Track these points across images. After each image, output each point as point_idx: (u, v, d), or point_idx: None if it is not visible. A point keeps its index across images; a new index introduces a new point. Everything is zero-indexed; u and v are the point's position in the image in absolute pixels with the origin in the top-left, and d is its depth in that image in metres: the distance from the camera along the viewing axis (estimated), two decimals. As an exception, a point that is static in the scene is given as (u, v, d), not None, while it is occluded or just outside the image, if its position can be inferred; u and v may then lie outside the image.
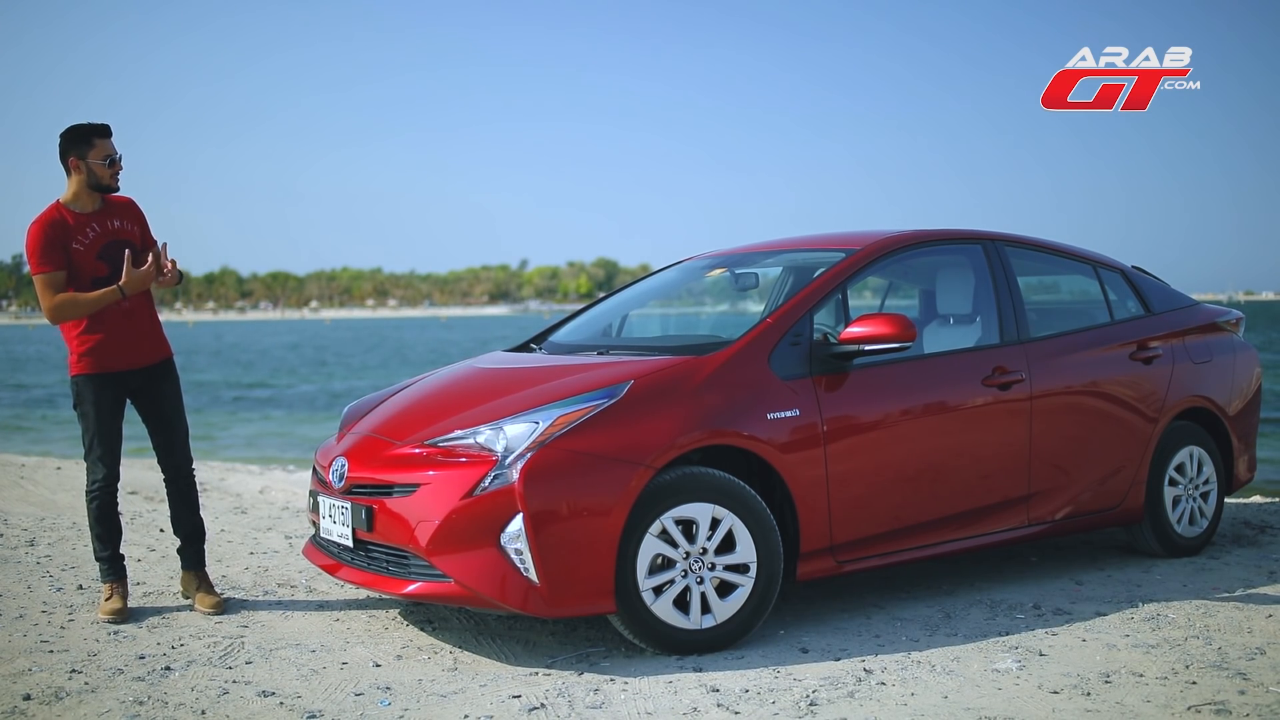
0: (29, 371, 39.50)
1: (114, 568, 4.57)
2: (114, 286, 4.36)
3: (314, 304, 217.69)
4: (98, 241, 4.45)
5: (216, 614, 4.53)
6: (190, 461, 4.72)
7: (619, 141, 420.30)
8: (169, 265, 4.45)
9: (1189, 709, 3.35)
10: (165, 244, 4.53)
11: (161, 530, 6.42)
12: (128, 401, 4.60)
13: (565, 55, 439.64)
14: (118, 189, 4.52)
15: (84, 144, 4.44)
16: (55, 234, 4.40)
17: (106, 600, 4.51)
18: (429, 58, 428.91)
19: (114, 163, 4.47)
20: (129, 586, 4.76)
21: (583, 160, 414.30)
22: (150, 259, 4.41)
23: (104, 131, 4.47)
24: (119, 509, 4.64)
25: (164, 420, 4.63)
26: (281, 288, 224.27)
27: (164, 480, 4.71)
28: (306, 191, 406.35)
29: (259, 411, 23.56)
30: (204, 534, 4.76)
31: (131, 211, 4.62)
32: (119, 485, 4.60)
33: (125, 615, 4.47)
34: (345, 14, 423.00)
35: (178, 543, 4.77)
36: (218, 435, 18.50)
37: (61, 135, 4.46)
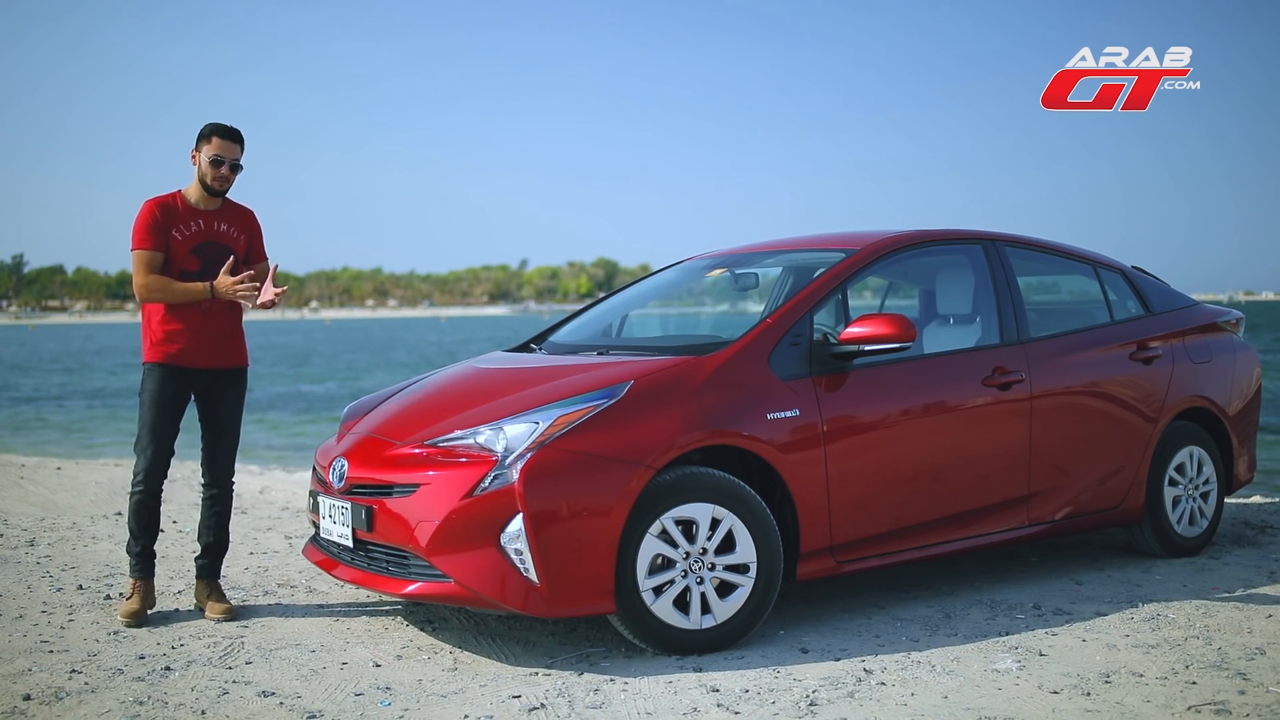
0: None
1: (142, 564, 4.52)
2: (205, 284, 4.39)
3: (314, 304, 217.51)
4: (197, 237, 4.48)
5: (227, 620, 4.50)
6: (231, 475, 4.68)
7: (619, 141, 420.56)
8: (269, 295, 4.41)
9: (1189, 709, 3.35)
10: (276, 265, 4.53)
11: (162, 530, 6.40)
12: (190, 403, 4.57)
13: (565, 55, 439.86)
14: (219, 191, 4.51)
15: (203, 139, 4.49)
16: (162, 216, 4.45)
17: (128, 599, 4.48)
18: (429, 58, 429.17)
19: (220, 164, 4.46)
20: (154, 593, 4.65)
21: (583, 160, 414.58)
22: (244, 275, 4.39)
23: (225, 133, 4.48)
24: (160, 507, 4.57)
25: (217, 427, 4.60)
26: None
27: (201, 486, 4.69)
28: (306, 191, 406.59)
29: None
30: (225, 548, 4.71)
31: (245, 221, 4.64)
32: (163, 484, 4.55)
33: (141, 619, 4.42)
34: (345, 14, 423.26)
35: (189, 545, 4.73)
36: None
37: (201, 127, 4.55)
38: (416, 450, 4.09)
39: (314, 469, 4.64)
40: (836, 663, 3.86)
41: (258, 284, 4.43)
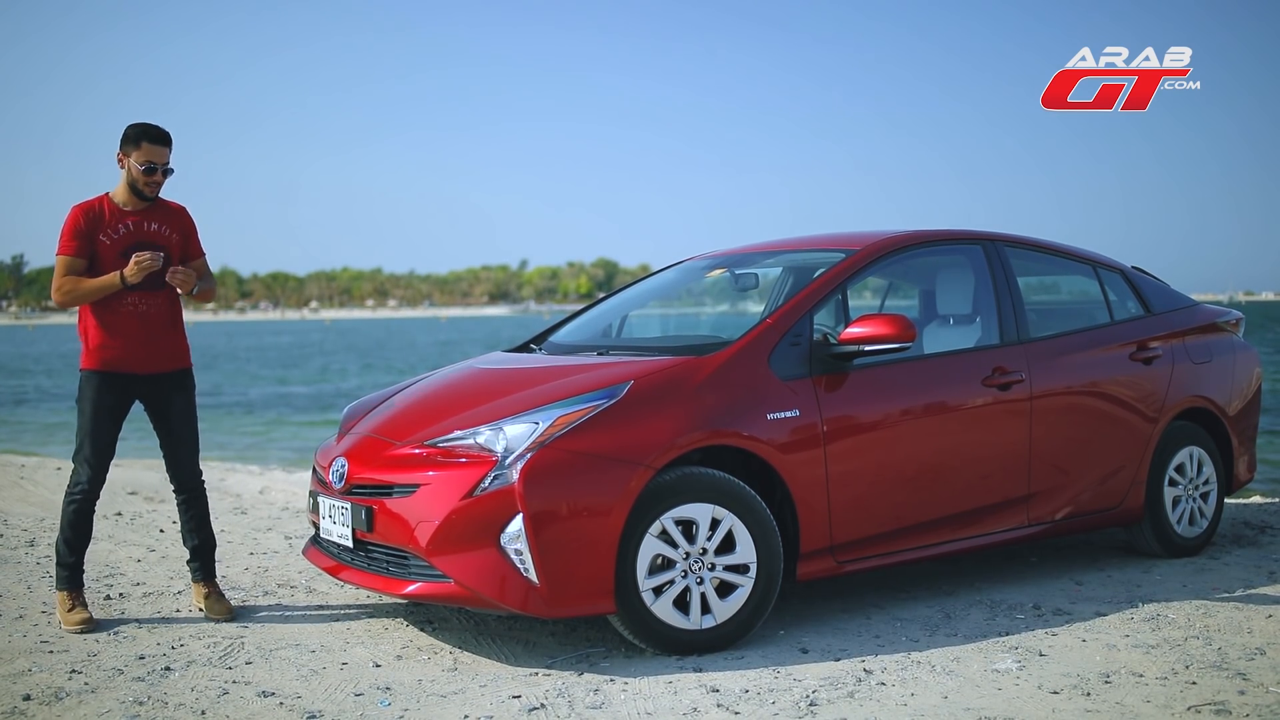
0: None
1: (74, 576, 4.43)
2: (115, 274, 4.29)
3: (314, 304, 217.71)
4: (126, 239, 4.38)
5: (227, 620, 4.49)
6: (198, 476, 4.61)
7: (619, 141, 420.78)
8: (178, 269, 4.35)
9: (1189, 709, 3.35)
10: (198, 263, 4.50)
11: (162, 530, 6.42)
12: (133, 408, 4.50)
13: (566, 55, 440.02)
14: (151, 198, 4.42)
15: (132, 143, 4.35)
16: (86, 222, 4.35)
17: (69, 611, 4.36)
18: (429, 58, 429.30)
19: (154, 170, 4.35)
20: (85, 593, 4.58)
21: (583, 160, 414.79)
22: (158, 256, 4.28)
23: (155, 136, 4.36)
24: (93, 517, 4.48)
25: (171, 432, 4.52)
26: (281, 288, 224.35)
27: (173, 493, 4.63)
28: (306, 191, 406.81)
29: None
30: (213, 546, 4.66)
31: (177, 219, 4.53)
32: (100, 492, 4.46)
33: (94, 625, 4.36)
34: (345, 14, 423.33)
35: (179, 546, 4.70)
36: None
37: (125, 129, 4.42)
38: (416, 450, 4.09)
39: (314, 469, 4.63)
40: (836, 663, 3.86)
41: (174, 266, 4.35)
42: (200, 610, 4.61)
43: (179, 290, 4.44)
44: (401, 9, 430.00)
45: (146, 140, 4.36)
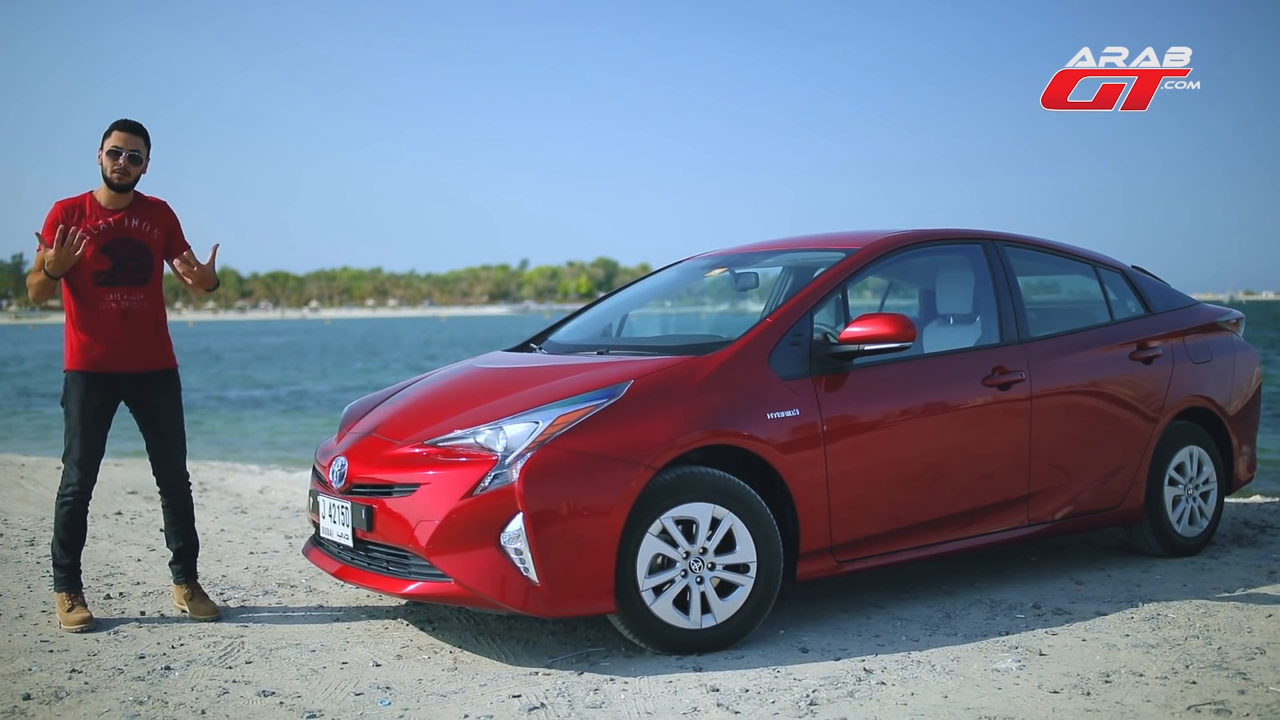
0: None
1: (72, 577, 4.42)
2: (40, 263, 4.29)
3: (314, 304, 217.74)
4: (105, 235, 4.36)
5: (214, 620, 4.48)
6: (185, 477, 4.57)
7: (619, 141, 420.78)
8: (196, 264, 4.50)
9: (1189, 709, 3.35)
10: (217, 245, 4.58)
11: (162, 530, 6.41)
12: (119, 408, 4.47)
13: (565, 55, 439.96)
14: (120, 186, 4.40)
15: (104, 136, 4.41)
16: (64, 218, 4.34)
17: (69, 611, 4.35)
18: (429, 58, 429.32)
19: (118, 155, 4.35)
20: (84, 593, 4.58)
21: (583, 160, 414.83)
22: (78, 235, 4.28)
23: (124, 125, 4.40)
24: (87, 517, 4.48)
25: (158, 434, 4.49)
26: (281, 288, 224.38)
27: (158, 494, 4.60)
28: (306, 191, 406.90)
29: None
30: (197, 548, 4.64)
31: (158, 214, 4.52)
32: (92, 492, 4.44)
33: (94, 622, 4.37)
34: (345, 14, 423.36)
35: (170, 555, 4.67)
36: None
37: None
38: (416, 450, 4.09)
39: (314, 468, 4.63)
40: (836, 662, 3.86)
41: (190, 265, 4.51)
42: (184, 611, 4.58)
43: (189, 280, 4.51)
44: (401, 9, 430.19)
45: (116, 129, 4.39)
